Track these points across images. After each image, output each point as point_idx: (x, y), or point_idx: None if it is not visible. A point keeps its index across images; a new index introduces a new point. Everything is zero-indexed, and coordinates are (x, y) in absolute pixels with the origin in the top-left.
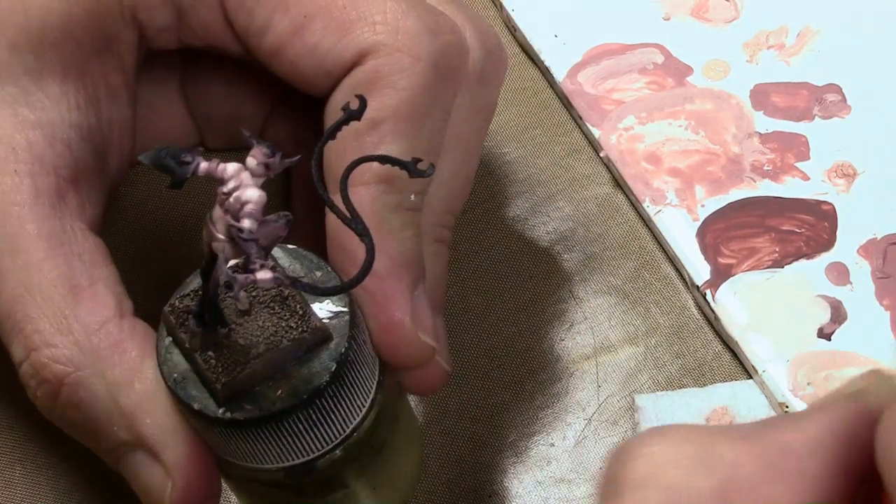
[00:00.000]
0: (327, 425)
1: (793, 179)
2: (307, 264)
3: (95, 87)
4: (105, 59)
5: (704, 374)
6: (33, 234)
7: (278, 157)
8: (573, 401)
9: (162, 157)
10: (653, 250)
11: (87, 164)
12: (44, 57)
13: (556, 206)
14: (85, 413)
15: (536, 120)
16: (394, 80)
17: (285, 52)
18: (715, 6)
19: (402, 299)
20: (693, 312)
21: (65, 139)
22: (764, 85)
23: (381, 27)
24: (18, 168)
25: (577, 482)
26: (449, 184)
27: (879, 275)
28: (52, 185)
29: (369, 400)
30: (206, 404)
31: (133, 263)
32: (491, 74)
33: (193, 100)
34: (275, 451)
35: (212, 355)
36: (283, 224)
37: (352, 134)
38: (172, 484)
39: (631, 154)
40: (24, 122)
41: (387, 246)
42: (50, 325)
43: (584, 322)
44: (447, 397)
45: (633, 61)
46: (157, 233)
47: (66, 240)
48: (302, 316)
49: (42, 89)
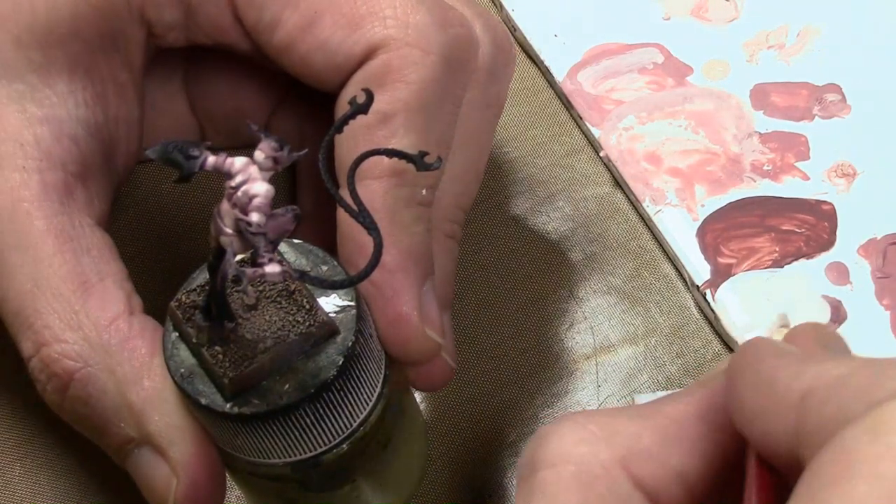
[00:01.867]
0: (334, 419)
1: (793, 179)
2: (313, 259)
3: (103, 84)
4: (112, 56)
5: (704, 374)
6: (42, 230)
7: (286, 151)
8: (573, 401)
9: (169, 151)
10: (653, 250)
11: (94, 160)
12: (51, 54)
13: (556, 206)
14: (93, 408)
15: (536, 120)
16: (404, 73)
17: (295, 47)
18: (715, 6)
19: (411, 294)
20: (693, 312)
21: (72, 135)
22: (764, 85)
23: (391, 21)
24: (26, 164)
25: None
26: (460, 179)
27: (879, 275)
28: (59, 181)
29: (376, 394)
30: (214, 399)
31: (136, 260)
32: (500, 68)
33: (196, 97)
34: (282, 445)
35: (219, 350)
36: (290, 218)
37: (363, 128)
38: (177, 481)
39: (631, 154)
40: (31, 118)
41: (397, 240)
42: (60, 321)
43: (584, 322)
44: (447, 397)
45: (632, 61)
46: (160, 230)
47: (74, 235)
48: (309, 310)
49: (49, 86)
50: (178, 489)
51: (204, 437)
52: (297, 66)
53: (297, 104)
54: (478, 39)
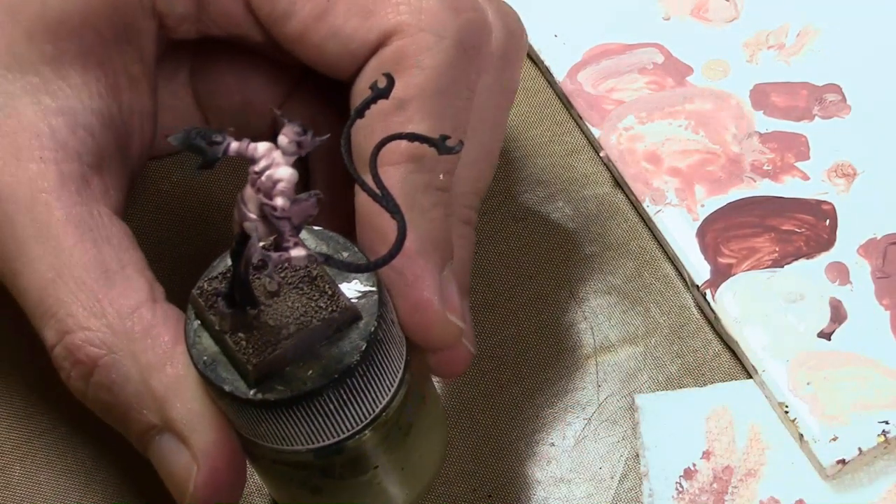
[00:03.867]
0: (357, 405)
1: (793, 179)
2: (334, 245)
3: (116, 76)
4: (125, 48)
5: (704, 374)
6: (62, 220)
7: (310, 136)
8: (573, 400)
9: (192, 137)
10: (653, 250)
11: (109, 150)
12: (63, 46)
13: (556, 206)
14: (116, 395)
15: (536, 120)
16: (419, 59)
17: (309, 36)
18: (715, 6)
19: (431, 279)
20: (693, 312)
21: (87, 126)
22: (764, 85)
23: (404, 7)
24: (44, 155)
25: (576, 482)
26: (475, 164)
27: (879, 274)
28: (76, 171)
29: (398, 379)
30: (237, 386)
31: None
32: (513, 54)
33: (203, 92)
34: (305, 432)
35: (242, 336)
36: (314, 202)
37: (379, 115)
38: (197, 468)
39: (631, 154)
40: (46, 109)
41: (416, 225)
42: (83, 309)
43: (584, 322)
44: (447, 397)
45: (633, 61)
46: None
47: (94, 225)
48: (331, 296)
49: (63, 78)
50: (198, 476)
51: (225, 425)
52: (311, 54)
53: (306, 97)
54: (490, 24)
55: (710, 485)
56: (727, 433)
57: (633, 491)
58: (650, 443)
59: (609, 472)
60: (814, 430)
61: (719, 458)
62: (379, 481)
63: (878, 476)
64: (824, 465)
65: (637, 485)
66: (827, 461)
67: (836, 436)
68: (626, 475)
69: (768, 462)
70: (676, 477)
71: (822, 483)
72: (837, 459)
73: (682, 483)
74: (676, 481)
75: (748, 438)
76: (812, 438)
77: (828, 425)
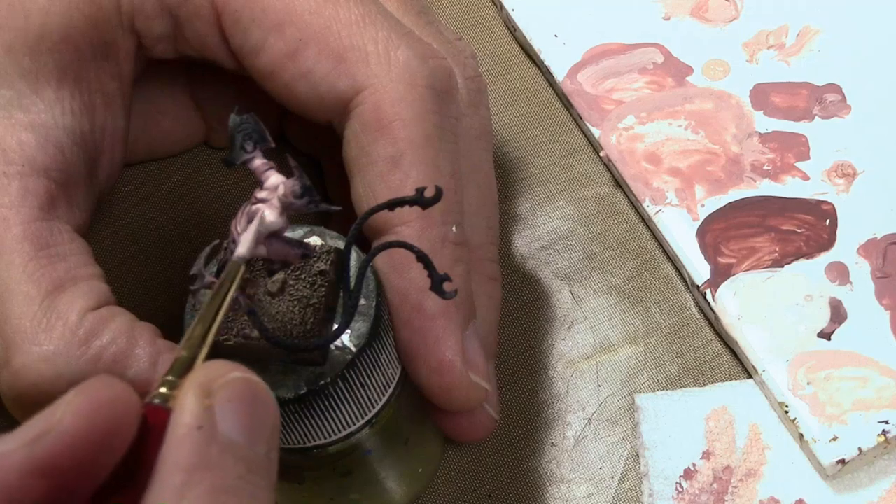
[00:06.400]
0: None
1: (793, 179)
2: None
3: (91, 93)
4: (102, 65)
5: (704, 374)
6: (18, 236)
7: (305, 200)
8: (573, 400)
9: (238, 129)
10: (653, 250)
11: (78, 168)
12: (41, 60)
13: (556, 205)
14: None
15: (536, 120)
16: (397, 111)
17: (279, 74)
18: (715, 6)
19: (454, 339)
20: (693, 312)
21: (57, 143)
22: (764, 85)
23: (373, 58)
24: (7, 170)
25: (576, 482)
26: (481, 210)
27: (879, 274)
28: (41, 187)
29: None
30: None
31: (128, 264)
32: (477, 99)
33: (204, 100)
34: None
35: None
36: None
37: (377, 176)
38: None
39: (631, 154)
40: (17, 124)
41: None
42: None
43: (584, 322)
44: None
45: (633, 61)
46: (154, 234)
47: (52, 241)
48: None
49: (37, 93)
50: None
51: None
52: (280, 92)
53: None
54: (453, 70)
55: (710, 485)
56: (727, 433)
57: (633, 491)
58: (650, 443)
59: (609, 472)
60: (814, 430)
61: (719, 458)
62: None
63: (878, 476)
64: (824, 464)
65: (637, 485)
66: (827, 461)
67: (836, 436)
68: (626, 475)
69: (768, 462)
70: (676, 477)
71: (822, 483)
72: (837, 459)
73: (682, 483)
74: (676, 481)
75: (748, 438)
76: (812, 438)
77: (828, 425)
